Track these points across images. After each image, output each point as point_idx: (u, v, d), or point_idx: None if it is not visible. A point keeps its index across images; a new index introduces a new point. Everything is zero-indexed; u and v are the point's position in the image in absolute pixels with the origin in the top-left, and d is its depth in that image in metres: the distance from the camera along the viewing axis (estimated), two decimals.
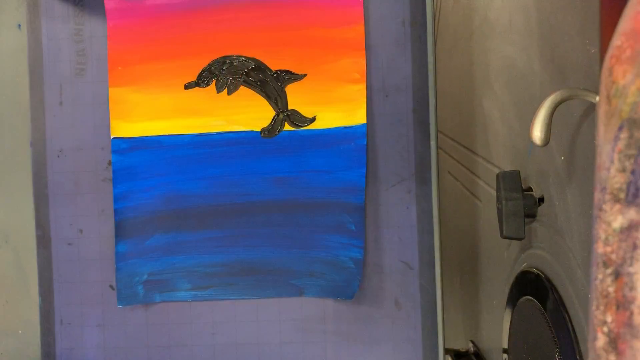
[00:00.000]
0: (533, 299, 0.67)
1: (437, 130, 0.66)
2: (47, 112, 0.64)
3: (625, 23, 0.28)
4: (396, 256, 0.65)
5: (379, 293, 0.65)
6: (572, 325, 0.59)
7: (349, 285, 0.64)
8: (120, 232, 0.64)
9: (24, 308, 0.65)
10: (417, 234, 0.65)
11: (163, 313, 0.65)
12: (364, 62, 0.64)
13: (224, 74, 0.64)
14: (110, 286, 0.65)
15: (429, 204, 0.65)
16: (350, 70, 0.64)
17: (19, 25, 0.65)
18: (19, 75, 0.65)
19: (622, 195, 0.27)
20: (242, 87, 0.64)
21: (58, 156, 0.64)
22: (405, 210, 0.65)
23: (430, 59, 0.65)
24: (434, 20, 0.65)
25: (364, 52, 0.64)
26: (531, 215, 0.67)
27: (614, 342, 0.27)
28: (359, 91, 0.64)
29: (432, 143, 0.65)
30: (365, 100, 0.64)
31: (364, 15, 0.64)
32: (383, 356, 0.65)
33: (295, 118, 0.64)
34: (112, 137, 0.63)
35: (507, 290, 0.77)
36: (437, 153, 0.66)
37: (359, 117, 0.64)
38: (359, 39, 0.64)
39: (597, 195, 0.28)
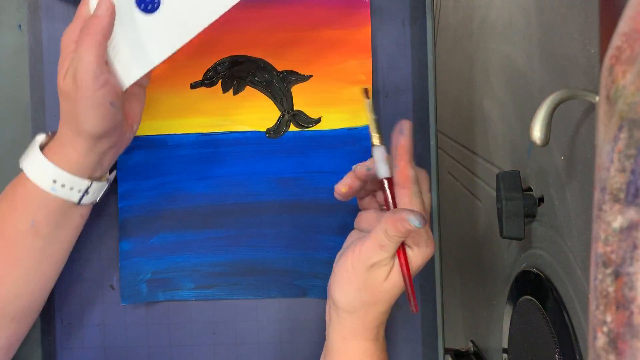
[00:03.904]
0: (533, 298, 0.68)
1: (437, 130, 0.66)
2: (47, 112, 0.64)
3: (625, 23, 0.28)
4: None
5: None
6: (572, 325, 0.59)
7: None
8: (124, 230, 0.64)
9: None
10: None
11: (163, 313, 0.65)
12: (370, 64, 0.64)
13: (230, 74, 0.64)
14: (111, 286, 0.65)
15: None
16: (356, 72, 0.64)
17: (20, 26, 0.65)
18: (19, 75, 0.65)
19: (622, 195, 0.27)
20: (247, 87, 0.64)
21: None
22: None
23: (430, 59, 0.65)
24: (434, 20, 0.65)
25: (370, 54, 0.64)
26: (531, 215, 0.67)
27: (614, 342, 0.27)
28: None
29: (432, 143, 0.65)
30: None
31: None
32: None
33: (301, 119, 0.64)
34: None
35: (507, 290, 0.77)
36: (437, 153, 0.66)
37: (364, 118, 0.64)
38: (366, 41, 0.64)
39: (597, 195, 0.28)
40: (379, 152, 0.53)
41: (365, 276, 0.52)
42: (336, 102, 0.64)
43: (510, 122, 0.78)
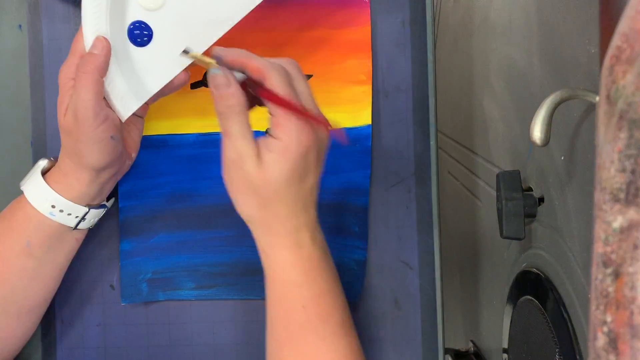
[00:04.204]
0: (533, 299, 0.68)
1: (437, 130, 0.66)
2: (47, 112, 0.64)
3: (625, 23, 0.28)
4: (396, 256, 0.65)
5: (379, 293, 0.65)
6: (572, 325, 0.59)
7: (351, 286, 0.64)
8: (125, 230, 0.64)
9: None
10: (417, 234, 0.65)
11: (163, 313, 0.65)
12: (369, 64, 0.64)
13: None
14: (111, 286, 0.65)
15: (429, 204, 0.65)
16: (356, 71, 0.64)
17: (20, 26, 0.65)
18: (19, 76, 0.65)
19: (622, 195, 0.27)
20: None
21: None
22: (405, 210, 0.65)
23: (430, 59, 0.65)
24: (434, 20, 0.65)
25: (370, 53, 0.64)
26: (531, 215, 0.67)
27: (614, 342, 0.27)
28: (364, 92, 0.64)
29: (432, 143, 0.65)
30: (370, 101, 0.64)
31: None
32: (383, 356, 0.65)
33: None
34: None
35: (507, 290, 0.77)
36: (437, 153, 0.66)
37: (364, 118, 0.64)
38: (365, 40, 0.64)
39: (597, 195, 0.28)
40: (216, 71, 0.50)
41: (238, 177, 0.50)
42: (336, 102, 0.64)
43: (510, 122, 0.78)
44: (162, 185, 0.65)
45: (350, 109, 0.64)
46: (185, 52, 0.54)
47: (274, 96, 0.49)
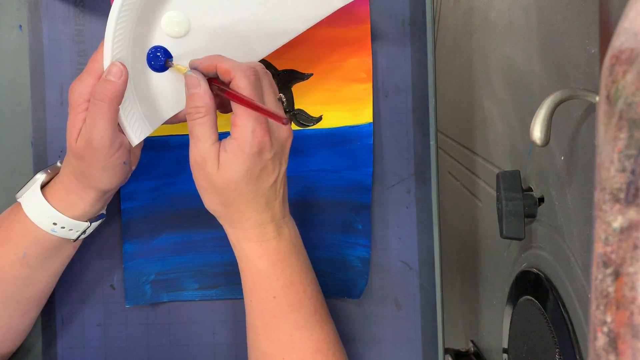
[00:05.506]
0: (533, 299, 0.68)
1: (437, 130, 0.66)
2: (48, 112, 0.65)
3: (625, 23, 0.28)
4: (396, 256, 0.65)
5: (379, 293, 0.65)
6: (572, 325, 0.59)
7: (355, 284, 0.64)
8: (127, 232, 0.64)
9: None
10: (417, 234, 0.65)
11: (163, 313, 0.65)
12: (370, 62, 0.64)
13: None
14: (111, 286, 0.65)
15: (429, 204, 0.65)
16: (356, 69, 0.64)
17: (20, 26, 0.65)
18: (20, 76, 0.65)
19: (622, 195, 0.27)
20: None
21: (59, 156, 0.64)
22: (405, 210, 0.65)
23: (430, 59, 0.65)
24: (434, 20, 0.65)
25: (370, 51, 0.64)
26: (531, 215, 0.67)
27: (614, 342, 0.27)
28: (365, 90, 0.64)
29: (432, 143, 0.65)
30: (371, 99, 0.64)
31: None
32: (383, 356, 0.65)
33: (302, 118, 0.64)
34: None
35: (507, 290, 0.77)
36: (437, 153, 0.66)
37: (365, 116, 0.64)
38: (365, 38, 0.64)
39: (597, 195, 0.28)
40: (190, 72, 0.52)
41: (202, 176, 0.51)
42: (337, 100, 0.64)
43: (510, 122, 0.78)
44: (164, 186, 0.64)
45: (352, 107, 0.64)
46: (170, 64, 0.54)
47: (235, 95, 0.50)
